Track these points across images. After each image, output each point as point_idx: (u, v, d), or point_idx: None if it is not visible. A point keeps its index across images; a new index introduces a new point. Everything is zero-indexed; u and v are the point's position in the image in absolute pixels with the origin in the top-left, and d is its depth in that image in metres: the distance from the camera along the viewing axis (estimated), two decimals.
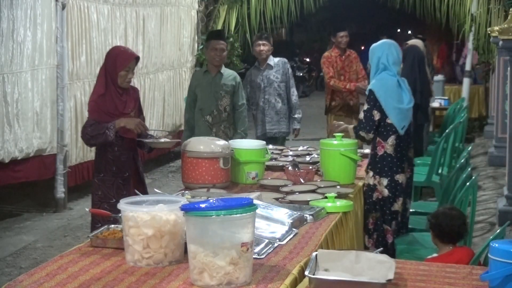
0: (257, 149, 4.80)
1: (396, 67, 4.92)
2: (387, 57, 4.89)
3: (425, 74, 8.28)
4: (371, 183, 4.91)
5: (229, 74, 6.22)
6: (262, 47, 7.21)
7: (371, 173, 4.92)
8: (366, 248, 4.80)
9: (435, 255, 4.09)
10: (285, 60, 7.42)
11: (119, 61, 4.55)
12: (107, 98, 4.56)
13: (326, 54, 8.43)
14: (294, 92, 7.35)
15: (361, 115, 4.90)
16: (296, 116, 7.35)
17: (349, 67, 8.30)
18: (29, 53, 7.23)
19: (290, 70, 7.39)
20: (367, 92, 4.95)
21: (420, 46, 8.29)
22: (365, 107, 4.88)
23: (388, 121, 4.84)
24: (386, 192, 4.88)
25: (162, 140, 4.80)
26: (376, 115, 4.83)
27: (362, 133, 4.88)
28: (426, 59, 8.75)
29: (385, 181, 4.87)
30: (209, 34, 6.62)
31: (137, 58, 4.65)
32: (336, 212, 3.92)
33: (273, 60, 7.28)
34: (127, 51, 4.73)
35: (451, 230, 4.01)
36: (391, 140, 4.85)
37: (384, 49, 4.92)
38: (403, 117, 4.87)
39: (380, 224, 4.92)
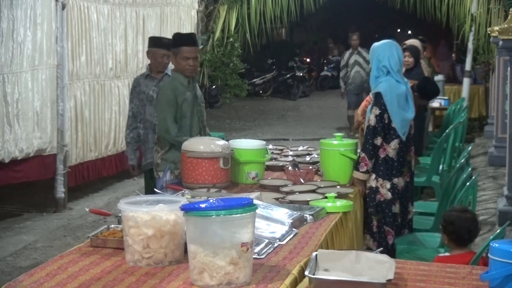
0: (257, 149, 4.80)
1: (398, 71, 4.86)
2: (389, 59, 4.81)
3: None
4: (373, 185, 4.83)
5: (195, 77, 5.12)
6: (166, 59, 5.76)
7: (373, 176, 4.82)
8: (368, 249, 4.78)
9: (447, 254, 4.03)
10: None
11: None
12: None
13: None
14: None
15: (373, 121, 4.76)
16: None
17: None
18: (29, 53, 7.23)
19: None
20: (372, 95, 4.87)
21: (418, 46, 8.29)
22: (377, 111, 4.76)
23: (393, 124, 4.78)
24: (389, 195, 4.82)
25: None
26: (386, 119, 4.77)
27: (376, 141, 4.76)
28: (426, 59, 8.75)
29: (388, 184, 4.82)
30: (178, 38, 5.04)
31: None
32: (336, 212, 3.92)
33: (169, 69, 5.74)
34: None
35: (467, 233, 3.91)
36: (394, 144, 4.79)
37: (385, 51, 4.85)
38: (405, 125, 4.85)
39: (381, 226, 4.86)
